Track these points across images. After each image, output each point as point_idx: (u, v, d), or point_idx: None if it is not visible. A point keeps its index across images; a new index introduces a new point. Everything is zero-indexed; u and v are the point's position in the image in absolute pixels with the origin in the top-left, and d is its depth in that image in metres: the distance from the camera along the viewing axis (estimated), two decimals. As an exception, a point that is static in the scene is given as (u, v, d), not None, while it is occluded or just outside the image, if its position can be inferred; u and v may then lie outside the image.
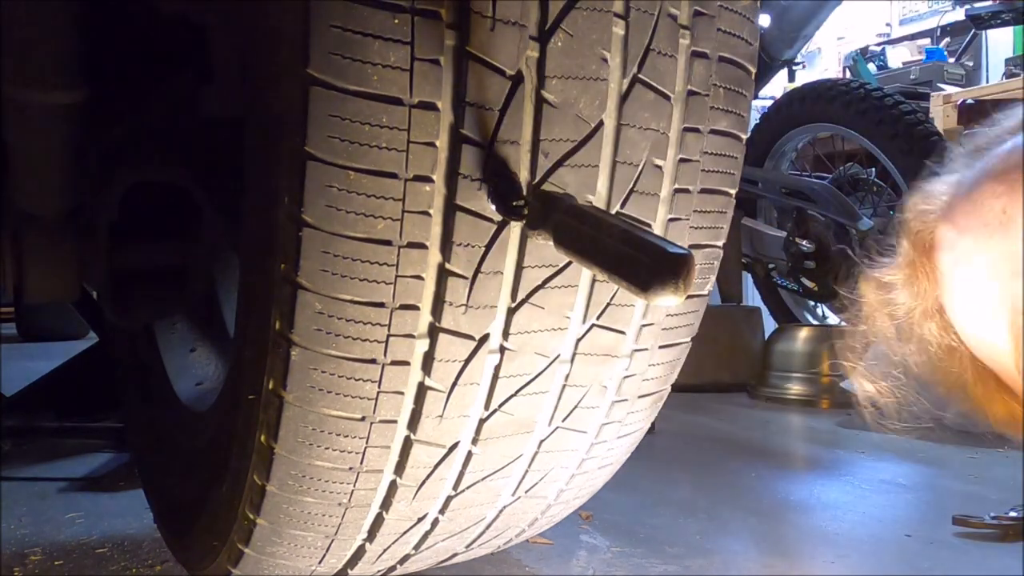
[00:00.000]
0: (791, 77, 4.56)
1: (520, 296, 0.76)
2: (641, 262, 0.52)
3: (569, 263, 0.76)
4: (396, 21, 0.65)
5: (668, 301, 0.52)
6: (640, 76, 0.75)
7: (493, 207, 0.71)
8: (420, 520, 0.90)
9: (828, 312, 4.13)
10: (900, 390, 0.65)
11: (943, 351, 0.58)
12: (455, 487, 0.87)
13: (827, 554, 1.39)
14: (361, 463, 0.79)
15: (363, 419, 0.76)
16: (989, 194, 0.51)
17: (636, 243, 0.53)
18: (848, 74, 5.09)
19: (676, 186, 0.81)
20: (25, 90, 1.01)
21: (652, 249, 0.52)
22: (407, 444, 0.80)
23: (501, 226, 0.72)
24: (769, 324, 3.79)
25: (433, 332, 0.74)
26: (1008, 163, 0.52)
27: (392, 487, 0.83)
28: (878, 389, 0.66)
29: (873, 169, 3.34)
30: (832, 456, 2.21)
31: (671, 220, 0.82)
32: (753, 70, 0.86)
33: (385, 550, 0.93)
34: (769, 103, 4.12)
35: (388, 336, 0.73)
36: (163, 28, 1.17)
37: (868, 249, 0.66)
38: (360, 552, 0.91)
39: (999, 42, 4.75)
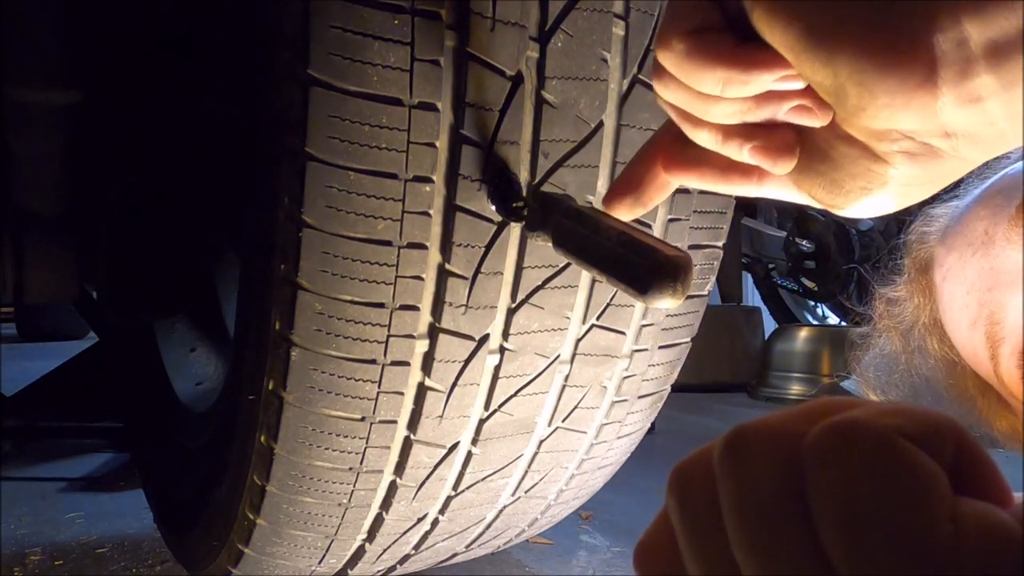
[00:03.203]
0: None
1: (520, 296, 0.76)
2: (639, 265, 0.52)
3: (569, 263, 0.76)
4: (396, 22, 0.65)
5: (666, 304, 0.52)
6: (640, 76, 0.75)
7: (493, 208, 0.71)
8: (420, 520, 0.90)
9: (828, 312, 4.13)
10: (906, 401, 0.66)
11: (946, 365, 0.61)
12: (455, 487, 0.87)
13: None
14: (361, 463, 0.79)
15: (363, 419, 0.76)
16: (975, 217, 0.58)
17: (634, 245, 0.53)
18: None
19: (676, 187, 0.81)
20: (25, 90, 1.01)
21: (650, 252, 0.52)
22: (407, 444, 0.80)
23: (501, 227, 0.72)
24: (769, 324, 3.79)
25: (433, 332, 0.74)
26: (992, 189, 0.58)
27: (392, 487, 0.83)
28: (886, 400, 0.67)
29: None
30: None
31: (671, 220, 0.82)
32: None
33: (385, 550, 0.93)
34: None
35: (388, 336, 0.73)
36: (163, 28, 1.17)
37: (881, 264, 0.69)
38: (360, 552, 0.91)
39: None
